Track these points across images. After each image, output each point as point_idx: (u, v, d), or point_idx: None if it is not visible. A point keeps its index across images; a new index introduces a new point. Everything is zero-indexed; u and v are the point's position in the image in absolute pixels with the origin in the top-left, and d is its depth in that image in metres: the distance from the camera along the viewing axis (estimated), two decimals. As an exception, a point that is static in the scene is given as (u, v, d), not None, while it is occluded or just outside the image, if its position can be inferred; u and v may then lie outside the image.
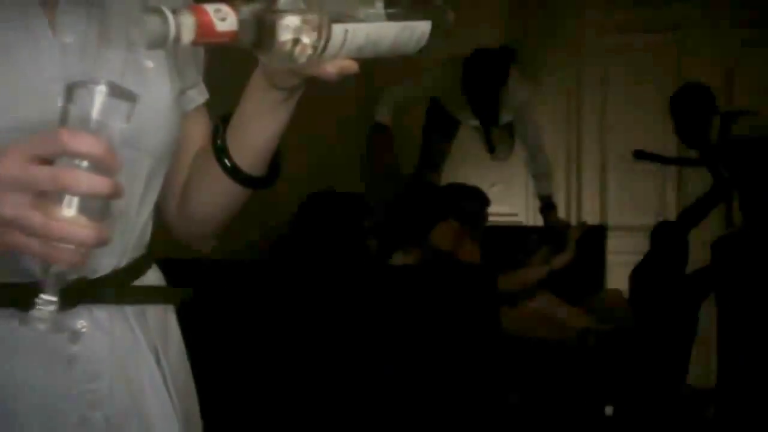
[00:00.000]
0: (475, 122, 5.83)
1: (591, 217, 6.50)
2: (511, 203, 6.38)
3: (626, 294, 5.65)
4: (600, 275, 5.86)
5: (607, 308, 5.00)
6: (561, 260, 4.65)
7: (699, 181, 5.91)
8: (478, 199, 4.74)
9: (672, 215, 6.03)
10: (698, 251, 6.02)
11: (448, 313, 2.59)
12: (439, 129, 5.91)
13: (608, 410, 4.60)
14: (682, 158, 5.99)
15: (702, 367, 6.03)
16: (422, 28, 1.24)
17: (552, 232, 5.35)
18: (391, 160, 5.37)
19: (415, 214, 4.13)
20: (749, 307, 5.69)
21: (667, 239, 5.84)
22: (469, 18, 6.33)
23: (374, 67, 1.33)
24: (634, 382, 4.80)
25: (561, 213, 5.79)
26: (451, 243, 4.13)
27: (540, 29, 6.63)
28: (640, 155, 5.98)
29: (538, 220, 5.76)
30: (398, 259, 4.08)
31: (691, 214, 5.86)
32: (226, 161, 1.35)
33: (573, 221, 6.06)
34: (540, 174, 5.64)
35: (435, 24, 1.25)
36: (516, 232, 5.91)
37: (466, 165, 6.26)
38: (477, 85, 5.42)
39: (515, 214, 6.43)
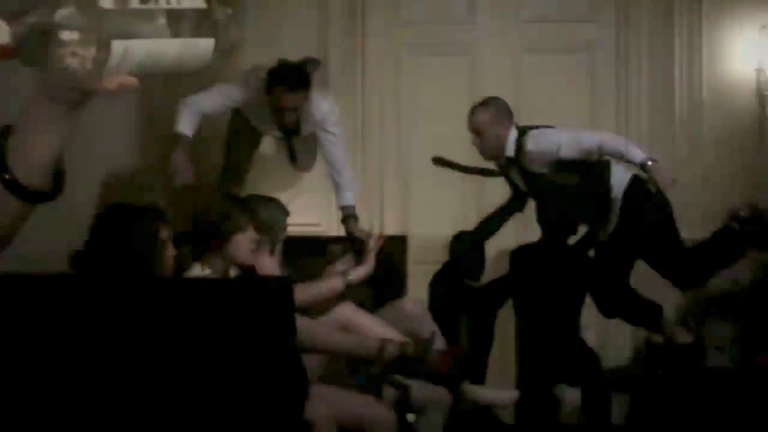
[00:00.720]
0: (278, 133, 5.84)
1: (393, 227, 6.57)
2: (314, 213, 6.39)
3: (426, 302, 5.74)
4: (401, 284, 5.94)
5: (408, 317, 5.05)
6: (359, 273, 4.67)
7: (498, 192, 6.04)
8: (276, 210, 4.70)
9: (472, 225, 6.15)
10: (497, 260, 6.19)
11: (242, 325, 2.59)
12: (242, 140, 5.89)
13: (410, 417, 4.66)
14: (480, 168, 6.10)
15: (501, 372, 6.18)
16: (205, 44, 1.25)
17: (353, 242, 5.39)
18: (191, 172, 5.30)
19: (213, 226, 4.09)
20: (546, 314, 5.88)
21: (464, 248, 5.96)
22: (275, 32, 6.38)
23: (172, 79, 1.33)
24: (435, 388, 4.87)
25: (363, 223, 5.83)
26: (248, 254, 4.10)
27: (344, 44, 6.68)
28: (439, 162, 6.09)
29: (342, 231, 5.79)
30: (195, 271, 4.04)
31: (488, 224, 5.99)
32: (6, 175, 1.32)
33: (375, 231, 6.11)
34: (341, 185, 5.67)
35: (218, 41, 1.26)
36: (319, 243, 5.94)
37: (270, 176, 6.25)
38: (279, 97, 5.43)
39: (318, 225, 6.44)
